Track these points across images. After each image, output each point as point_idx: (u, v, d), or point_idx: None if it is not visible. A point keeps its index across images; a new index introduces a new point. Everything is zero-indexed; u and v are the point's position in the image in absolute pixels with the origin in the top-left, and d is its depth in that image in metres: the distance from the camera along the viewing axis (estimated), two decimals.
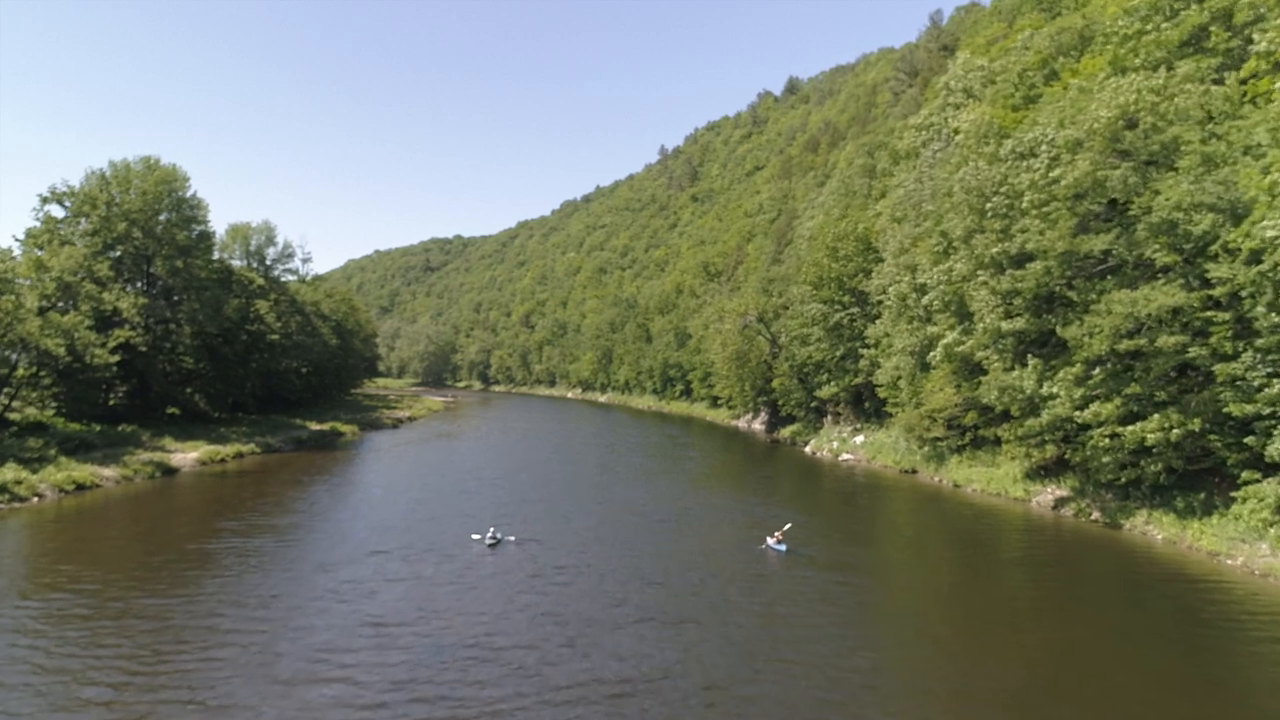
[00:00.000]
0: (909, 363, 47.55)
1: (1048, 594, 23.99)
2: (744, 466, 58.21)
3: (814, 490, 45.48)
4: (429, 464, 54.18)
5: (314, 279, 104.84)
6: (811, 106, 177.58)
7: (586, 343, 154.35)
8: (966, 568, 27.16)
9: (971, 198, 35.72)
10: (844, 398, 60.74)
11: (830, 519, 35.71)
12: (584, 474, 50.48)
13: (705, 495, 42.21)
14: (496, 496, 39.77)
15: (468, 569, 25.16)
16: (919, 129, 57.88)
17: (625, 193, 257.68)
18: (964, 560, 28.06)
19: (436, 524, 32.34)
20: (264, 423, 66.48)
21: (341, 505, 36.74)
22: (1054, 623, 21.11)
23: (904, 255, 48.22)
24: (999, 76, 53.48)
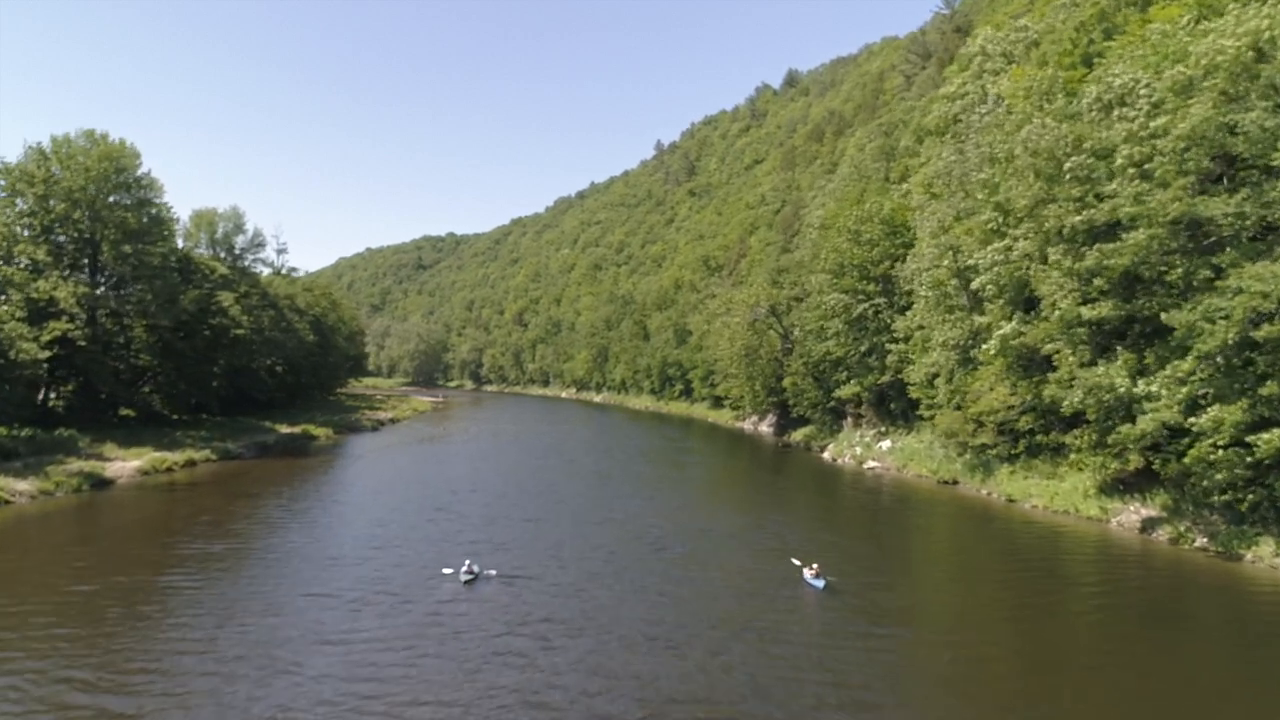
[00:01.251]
0: (949, 358, 41.78)
1: (1165, 648, 18.32)
2: (757, 475, 52.48)
3: (842, 505, 39.77)
4: (405, 473, 48.32)
5: (292, 273, 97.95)
6: (812, 98, 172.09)
7: (581, 341, 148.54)
8: (1044, 608, 21.45)
9: (1040, 161, 30.07)
10: (867, 398, 54.91)
11: (867, 541, 30.10)
12: (579, 485, 44.64)
13: (718, 512, 36.39)
14: (476, 515, 33.93)
15: (427, 622, 19.32)
16: (950, 99, 52.23)
17: (620, 189, 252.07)
18: (1039, 597, 22.31)
19: (399, 552, 26.51)
20: (228, 425, 60.43)
21: (290, 526, 30.84)
22: (1187, 695, 15.42)
23: (943, 236, 42.46)
24: (1045, 37, 47.90)
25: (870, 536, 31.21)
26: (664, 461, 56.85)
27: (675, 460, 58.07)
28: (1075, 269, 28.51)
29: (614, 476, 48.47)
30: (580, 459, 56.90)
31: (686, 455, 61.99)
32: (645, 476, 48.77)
